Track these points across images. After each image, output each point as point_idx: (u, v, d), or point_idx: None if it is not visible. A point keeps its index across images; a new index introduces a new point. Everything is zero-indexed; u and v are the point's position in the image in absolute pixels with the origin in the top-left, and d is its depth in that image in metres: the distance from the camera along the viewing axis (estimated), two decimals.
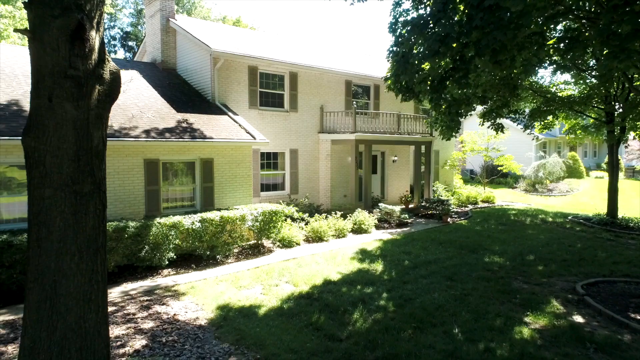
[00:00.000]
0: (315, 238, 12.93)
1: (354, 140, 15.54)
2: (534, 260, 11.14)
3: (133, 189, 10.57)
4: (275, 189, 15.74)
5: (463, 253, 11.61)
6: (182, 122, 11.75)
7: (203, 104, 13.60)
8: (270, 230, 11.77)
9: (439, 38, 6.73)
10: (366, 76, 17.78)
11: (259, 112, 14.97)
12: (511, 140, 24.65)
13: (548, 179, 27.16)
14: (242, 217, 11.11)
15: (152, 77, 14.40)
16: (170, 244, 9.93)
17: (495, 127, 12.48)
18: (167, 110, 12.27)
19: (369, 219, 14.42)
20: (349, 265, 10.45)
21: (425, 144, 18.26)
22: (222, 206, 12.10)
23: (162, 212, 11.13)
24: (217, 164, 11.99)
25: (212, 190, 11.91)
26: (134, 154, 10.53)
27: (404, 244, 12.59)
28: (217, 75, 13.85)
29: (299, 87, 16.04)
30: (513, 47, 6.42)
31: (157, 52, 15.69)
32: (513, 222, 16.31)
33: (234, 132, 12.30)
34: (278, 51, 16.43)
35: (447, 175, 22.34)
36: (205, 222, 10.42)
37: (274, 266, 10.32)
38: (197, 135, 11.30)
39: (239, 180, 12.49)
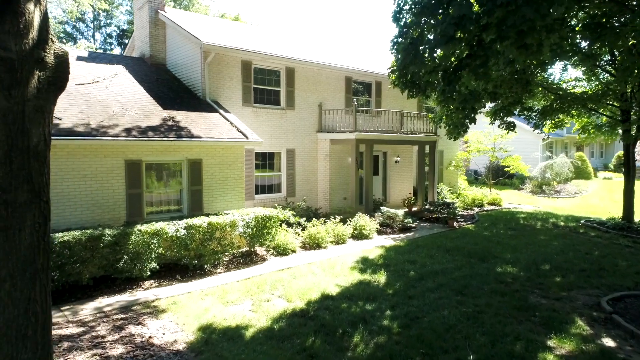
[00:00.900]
0: (313, 245, 12.03)
1: (355, 140, 14.65)
2: (550, 270, 10.23)
3: (113, 193, 9.68)
4: (271, 192, 14.84)
5: (472, 262, 10.70)
6: (167, 120, 10.86)
7: (192, 100, 12.71)
8: (263, 237, 10.88)
9: (454, 21, 5.81)
10: (367, 72, 16.87)
11: (253, 109, 14.07)
12: (517, 139, 23.73)
13: (555, 180, 26.24)
14: (232, 223, 10.22)
15: (139, 73, 13.51)
16: (152, 254, 9.04)
17: (507, 126, 11.57)
18: (152, 107, 11.38)
19: (370, 223, 13.52)
20: (349, 276, 9.55)
21: (430, 143, 17.36)
22: (212, 211, 11.21)
23: (146, 217, 10.24)
24: (206, 166, 11.10)
25: (201, 194, 11.02)
26: (114, 155, 9.64)
27: (408, 251, 11.69)
28: (208, 70, 12.96)
29: (296, 84, 15.14)
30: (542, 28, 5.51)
31: (146, 47, 14.80)
32: (523, 226, 15.40)
33: (224, 130, 11.40)
34: (274, 45, 15.54)
35: (451, 176, 21.43)
36: (191, 229, 9.53)
37: (267, 277, 9.42)
38: (183, 134, 10.40)
39: (230, 182, 11.59)
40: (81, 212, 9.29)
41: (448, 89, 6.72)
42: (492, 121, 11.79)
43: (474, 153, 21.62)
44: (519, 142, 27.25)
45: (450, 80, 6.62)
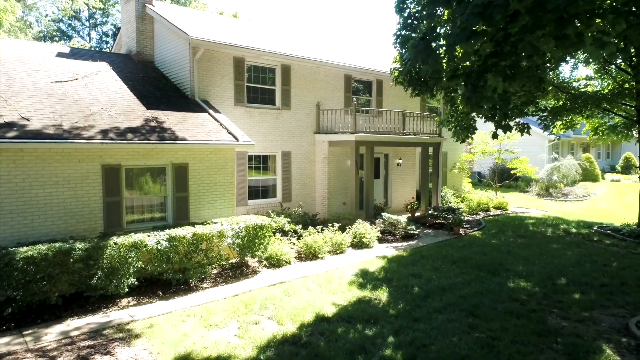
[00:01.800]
0: (309, 255, 11.16)
1: (354, 142, 13.78)
2: (567, 285, 9.36)
3: (88, 201, 8.82)
4: (265, 197, 13.98)
5: (482, 276, 9.82)
6: (150, 121, 9.99)
7: (180, 100, 11.84)
8: (255, 248, 10.01)
9: (478, 10, 4.89)
10: (368, 70, 16.00)
11: (246, 109, 13.21)
12: (522, 140, 22.82)
13: (562, 182, 25.34)
14: (220, 233, 9.35)
15: (124, 70, 12.65)
16: (130, 268, 8.18)
17: (520, 128, 10.69)
18: (134, 107, 10.51)
19: (371, 231, 12.65)
20: (347, 292, 8.67)
21: (434, 145, 16.48)
22: (199, 219, 10.35)
23: (126, 227, 9.38)
24: (193, 170, 10.23)
25: (187, 201, 10.15)
26: (89, 159, 8.78)
27: (411, 262, 10.81)
28: (197, 68, 12.09)
29: (293, 82, 14.27)
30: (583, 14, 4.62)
31: (132, 43, 13.94)
32: (533, 233, 14.51)
33: (213, 132, 10.54)
34: (269, 41, 14.67)
35: (455, 179, 20.55)
36: (174, 241, 8.66)
37: (257, 294, 8.55)
38: (166, 137, 9.54)
39: (220, 188, 10.72)
40: (52, 223, 8.43)
41: (474, 96, 5.79)
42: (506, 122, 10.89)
43: (479, 155, 20.73)
44: (524, 143, 26.34)
45: (475, 86, 5.72)
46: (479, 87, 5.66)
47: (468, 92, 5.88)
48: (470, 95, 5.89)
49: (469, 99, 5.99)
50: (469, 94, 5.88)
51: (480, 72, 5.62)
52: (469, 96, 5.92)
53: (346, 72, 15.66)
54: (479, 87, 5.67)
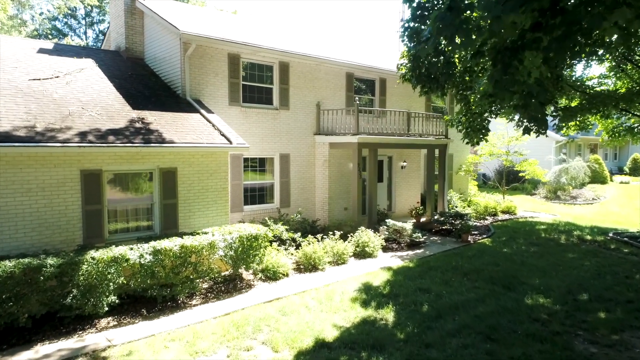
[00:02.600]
0: (308, 266, 10.36)
1: (357, 144, 12.98)
2: (590, 301, 8.56)
3: (65, 210, 8.02)
4: (262, 202, 13.17)
5: (496, 290, 9.02)
6: (135, 122, 9.20)
7: (170, 99, 11.05)
8: (249, 260, 9.21)
9: None
10: (370, 68, 15.19)
11: (241, 109, 12.41)
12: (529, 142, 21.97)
13: (571, 185, 24.51)
14: (211, 244, 8.55)
15: (111, 67, 11.85)
16: (110, 285, 7.38)
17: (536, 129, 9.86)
18: (119, 106, 9.72)
19: (375, 239, 11.85)
20: (350, 311, 7.87)
21: (440, 147, 15.67)
22: (189, 228, 9.55)
23: (107, 238, 8.59)
24: (182, 175, 9.44)
25: (175, 209, 9.36)
26: (67, 164, 7.98)
27: (419, 275, 10.01)
28: (189, 65, 11.29)
29: (291, 80, 13.47)
30: None
31: (121, 39, 13.15)
32: (545, 241, 13.70)
33: (204, 134, 9.74)
34: (266, 37, 13.86)
35: (461, 181, 19.74)
36: (159, 254, 7.86)
37: (251, 313, 7.75)
38: (152, 139, 8.74)
39: (212, 194, 9.93)
40: (24, 235, 7.64)
41: (504, 80, 4.87)
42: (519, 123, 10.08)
43: (485, 157, 19.91)
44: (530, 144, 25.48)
45: (507, 66, 4.82)
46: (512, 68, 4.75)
47: (497, 74, 4.88)
48: (500, 78, 4.89)
49: (497, 83, 4.95)
50: (498, 75, 4.88)
51: (516, 49, 4.71)
52: (498, 79, 4.91)
53: (348, 70, 14.86)
54: (512, 67, 4.76)
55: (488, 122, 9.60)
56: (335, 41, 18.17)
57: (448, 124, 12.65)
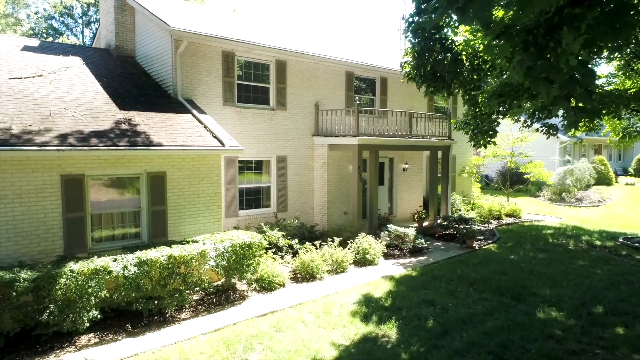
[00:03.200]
0: (306, 275, 9.82)
1: (357, 145, 12.44)
2: (606, 314, 8.02)
3: (44, 218, 7.48)
4: (259, 206, 12.64)
5: (505, 302, 8.48)
6: (122, 123, 8.66)
7: (160, 99, 10.51)
8: (243, 269, 8.67)
9: None
10: (371, 66, 14.65)
11: (236, 110, 11.87)
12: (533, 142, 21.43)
13: (576, 186, 23.96)
14: (201, 254, 8.01)
15: (100, 66, 11.32)
16: (91, 300, 6.85)
17: (547, 130, 9.35)
18: (105, 106, 9.18)
19: (375, 245, 11.31)
20: (349, 327, 7.33)
21: (443, 148, 15.13)
22: (179, 236, 9.02)
23: (91, 247, 8.06)
24: (172, 180, 8.90)
25: (164, 216, 8.82)
26: (46, 168, 7.45)
27: (422, 284, 9.47)
28: (180, 63, 10.75)
29: (289, 80, 12.94)
30: None
31: (111, 36, 12.61)
32: (553, 247, 13.15)
33: (195, 136, 9.20)
34: (263, 35, 13.31)
35: (464, 184, 19.19)
36: (144, 266, 7.32)
37: (243, 329, 7.21)
38: (139, 142, 8.20)
39: (203, 200, 9.39)
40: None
41: (540, 64, 4.17)
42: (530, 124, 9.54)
43: (489, 158, 19.37)
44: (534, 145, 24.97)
45: (542, 48, 4.14)
46: (548, 50, 4.08)
47: (530, 58, 4.02)
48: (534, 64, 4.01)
49: (530, 70, 4.06)
50: (530, 60, 4.02)
51: (551, 28, 4.03)
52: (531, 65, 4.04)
53: (347, 68, 14.32)
54: (548, 49, 4.03)
55: (497, 124, 9.07)
56: (335, 39, 17.62)
57: (454, 126, 12.04)
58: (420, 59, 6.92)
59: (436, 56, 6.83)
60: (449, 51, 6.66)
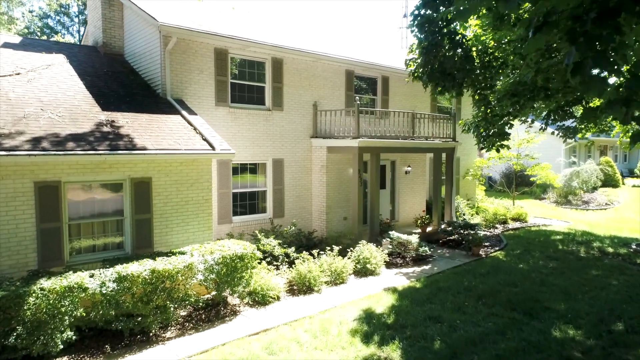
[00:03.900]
0: (302, 287, 9.19)
1: (357, 148, 11.80)
2: (627, 332, 7.39)
3: (16, 229, 6.86)
4: (254, 212, 12.00)
5: (518, 319, 7.84)
6: (103, 125, 8.03)
7: (147, 99, 9.88)
8: (234, 282, 8.04)
9: None
10: (372, 65, 14.02)
11: (229, 110, 11.24)
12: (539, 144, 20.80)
13: (582, 189, 23.31)
14: (188, 267, 7.38)
15: (85, 64, 10.70)
16: (65, 319, 6.22)
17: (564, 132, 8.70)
18: (87, 107, 8.55)
19: (377, 253, 10.68)
20: (349, 348, 6.70)
21: (447, 150, 14.48)
22: (166, 246, 8.39)
23: (68, 260, 7.43)
24: (158, 186, 8.27)
25: (150, 225, 8.19)
26: (17, 175, 6.82)
27: (427, 298, 8.83)
28: (169, 60, 10.12)
29: (285, 79, 12.30)
30: None
31: (99, 32, 11.98)
32: (564, 254, 12.50)
33: (183, 139, 8.57)
34: (258, 31, 12.67)
35: (468, 186, 18.56)
36: (124, 282, 6.69)
37: (232, 351, 6.59)
38: (121, 145, 7.57)
39: (193, 207, 8.76)
40: None
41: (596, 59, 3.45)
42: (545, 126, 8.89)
43: (494, 160, 18.72)
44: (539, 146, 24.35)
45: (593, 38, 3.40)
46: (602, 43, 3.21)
47: (584, 50, 3.22)
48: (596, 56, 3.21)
49: (579, 67, 3.24)
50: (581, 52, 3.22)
51: (604, 14, 3.25)
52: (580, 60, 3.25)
53: (347, 67, 13.68)
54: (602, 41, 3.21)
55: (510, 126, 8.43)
56: (334, 36, 16.98)
57: (462, 128, 11.32)
58: (428, 55, 6.30)
59: (445, 52, 6.22)
60: (460, 46, 6.04)
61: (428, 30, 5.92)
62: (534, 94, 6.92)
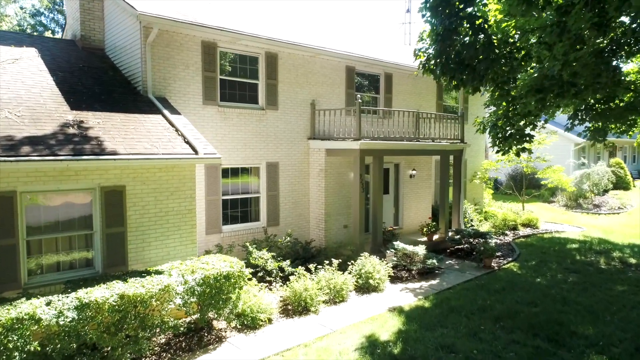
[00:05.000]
0: (298, 307, 8.20)
1: (358, 150, 10.83)
2: None
3: None
4: (246, 220, 11.03)
5: (542, 348, 6.86)
6: (69, 126, 7.05)
7: (126, 97, 8.90)
8: (220, 305, 7.07)
9: None
10: (375, 61, 13.02)
11: (219, 109, 10.26)
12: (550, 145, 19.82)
13: (593, 192, 22.32)
14: (164, 290, 6.40)
15: (60, 58, 9.73)
16: (14, 356, 5.24)
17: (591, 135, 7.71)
18: (53, 106, 7.57)
19: (380, 267, 9.71)
20: None
21: (455, 153, 13.50)
22: (143, 263, 7.42)
23: (26, 283, 6.46)
24: (133, 195, 7.29)
25: (123, 239, 7.21)
26: None
27: (438, 320, 7.85)
28: (151, 54, 9.14)
29: (280, 75, 11.32)
30: None
31: (77, 24, 11.00)
32: (582, 265, 11.52)
33: (162, 142, 7.58)
34: (251, 23, 11.67)
35: (475, 190, 17.56)
36: (87, 310, 5.71)
37: None
38: (87, 149, 6.59)
39: (174, 219, 7.78)
40: None
41: None
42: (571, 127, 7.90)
43: (502, 162, 17.72)
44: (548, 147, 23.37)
45: None
46: None
47: None
48: None
49: None
50: None
51: None
52: None
53: (348, 63, 12.69)
54: None
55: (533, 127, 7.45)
56: (334, 31, 15.96)
57: (478, 128, 10.23)
58: (443, 43, 5.32)
59: (463, 39, 5.26)
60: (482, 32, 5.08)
61: (443, 13, 4.96)
62: (563, 89, 5.96)
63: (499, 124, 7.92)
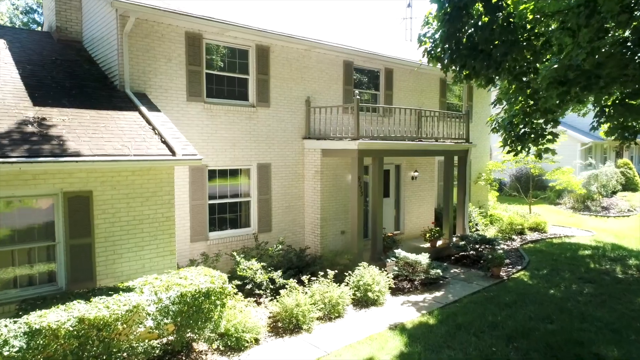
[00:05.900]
0: (289, 325, 7.40)
1: (357, 151, 10.02)
2: None
3: None
4: (235, 226, 10.22)
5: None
6: (28, 124, 6.24)
7: (100, 92, 8.10)
8: (199, 325, 6.27)
9: None
10: (374, 55, 12.21)
11: (205, 106, 9.45)
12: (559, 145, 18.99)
13: (602, 193, 21.51)
14: (133, 310, 5.59)
15: (30, 51, 8.94)
16: None
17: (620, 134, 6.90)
18: (13, 101, 6.77)
19: (380, 278, 8.91)
20: None
21: (460, 153, 12.69)
22: (114, 278, 6.61)
23: None
24: (102, 202, 6.49)
25: (90, 251, 6.41)
26: None
27: (444, 340, 7.04)
28: (128, 45, 8.33)
29: (273, 70, 10.52)
30: None
31: (52, 15, 10.20)
32: (598, 274, 10.71)
33: (135, 142, 6.78)
34: (241, 13, 10.83)
35: (480, 192, 16.76)
36: (38, 337, 4.91)
37: None
38: (46, 150, 5.78)
39: (149, 227, 6.97)
40: None
41: None
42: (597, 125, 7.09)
43: (509, 163, 16.91)
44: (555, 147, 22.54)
45: None
46: None
47: None
48: None
49: None
50: None
51: None
52: None
53: (346, 57, 11.88)
54: None
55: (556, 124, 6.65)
56: (331, 24, 15.13)
57: (493, 127, 9.38)
58: (453, 24, 4.51)
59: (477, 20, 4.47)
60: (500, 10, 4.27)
61: None
62: (590, 81, 5.17)
63: (515, 122, 7.12)
